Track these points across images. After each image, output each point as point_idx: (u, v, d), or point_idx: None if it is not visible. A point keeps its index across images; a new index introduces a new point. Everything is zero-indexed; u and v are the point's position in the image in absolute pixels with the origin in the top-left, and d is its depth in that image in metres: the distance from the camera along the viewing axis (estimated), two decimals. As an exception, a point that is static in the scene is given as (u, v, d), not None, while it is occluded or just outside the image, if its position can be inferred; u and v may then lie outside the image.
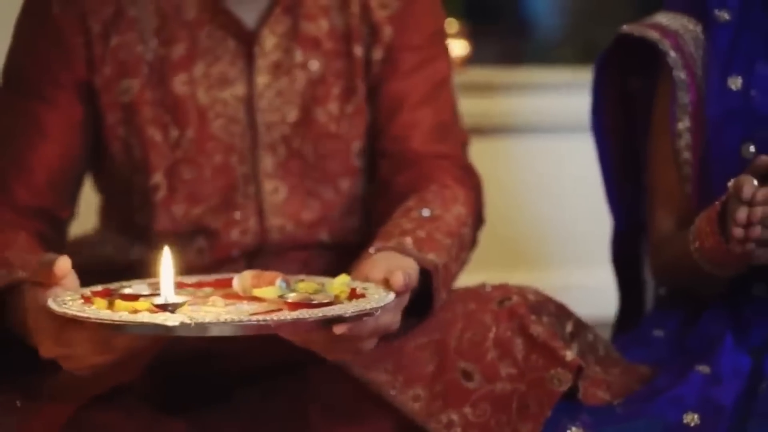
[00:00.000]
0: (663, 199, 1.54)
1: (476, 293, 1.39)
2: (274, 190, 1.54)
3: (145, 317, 1.13)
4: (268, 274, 1.24)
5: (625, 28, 1.54)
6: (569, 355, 1.31)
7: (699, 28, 1.52)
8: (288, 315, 1.14)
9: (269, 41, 1.53)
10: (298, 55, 1.54)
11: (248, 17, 1.52)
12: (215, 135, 1.51)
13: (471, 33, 2.66)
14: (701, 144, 1.49)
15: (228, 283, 1.27)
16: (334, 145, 1.55)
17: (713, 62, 1.49)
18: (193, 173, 1.52)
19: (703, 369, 1.36)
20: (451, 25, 2.52)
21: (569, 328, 1.41)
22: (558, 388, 1.30)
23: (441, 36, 1.62)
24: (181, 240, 1.50)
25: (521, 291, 1.39)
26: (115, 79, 1.51)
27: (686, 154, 1.51)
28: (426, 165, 1.54)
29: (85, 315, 1.13)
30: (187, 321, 1.11)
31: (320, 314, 1.14)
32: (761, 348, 1.40)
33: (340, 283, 1.23)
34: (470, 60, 2.67)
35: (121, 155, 1.52)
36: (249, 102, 1.52)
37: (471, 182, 1.56)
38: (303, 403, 1.40)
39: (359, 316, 1.16)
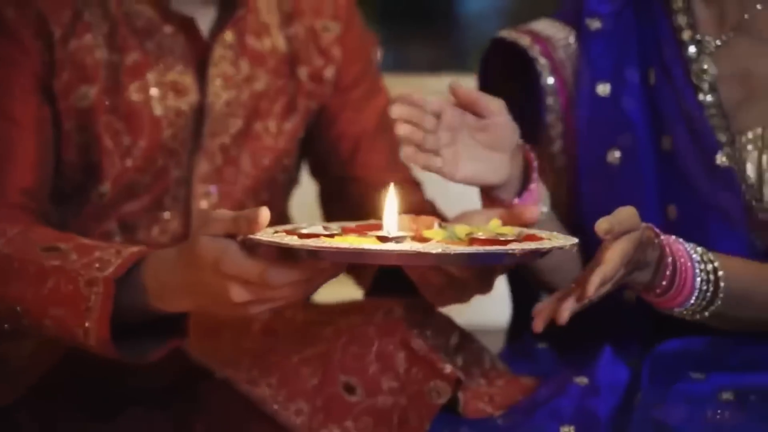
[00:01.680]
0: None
1: (361, 306, 1.41)
2: (206, 195, 1.56)
3: (407, 246, 1.16)
4: (424, 218, 1.27)
5: (501, 33, 1.57)
6: (448, 367, 1.34)
7: (572, 36, 1.54)
8: (528, 245, 1.18)
9: (220, 52, 1.56)
10: (245, 69, 1.58)
11: (200, 27, 1.55)
12: (165, 144, 1.54)
13: (403, 39, 2.68)
14: (574, 149, 1.52)
15: (370, 228, 1.27)
16: (268, 158, 1.61)
17: (584, 69, 1.52)
18: (136, 178, 1.54)
19: (581, 381, 1.39)
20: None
21: (454, 340, 1.43)
22: (437, 400, 1.33)
23: (375, 56, 1.71)
24: (106, 237, 1.52)
25: (406, 304, 1.41)
26: (74, 84, 1.51)
27: (560, 160, 1.54)
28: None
29: (347, 246, 1.15)
30: (446, 249, 1.14)
31: (550, 245, 1.19)
32: (639, 359, 1.43)
33: (496, 224, 1.27)
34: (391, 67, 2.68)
35: (74, 161, 1.52)
36: (200, 111, 1.55)
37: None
38: (189, 421, 1.42)
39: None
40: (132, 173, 1.53)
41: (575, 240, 1.19)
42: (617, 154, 1.50)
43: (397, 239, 1.17)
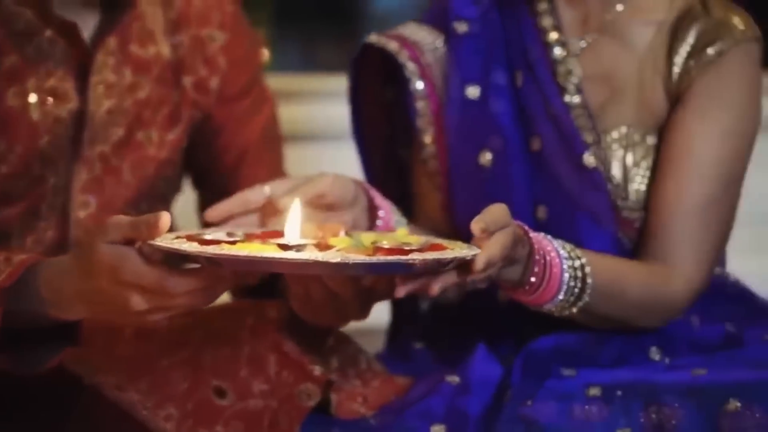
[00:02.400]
0: (420, 207, 1.58)
1: (232, 309, 1.41)
2: (84, 204, 1.54)
3: (307, 255, 1.14)
4: (331, 225, 1.26)
5: (370, 38, 1.58)
6: (317, 369, 1.34)
7: (440, 40, 1.56)
8: (428, 256, 1.16)
9: (102, 59, 1.53)
10: (128, 77, 1.55)
11: (83, 33, 1.52)
12: (42, 150, 1.50)
13: (312, 38, 2.67)
14: (445, 153, 1.53)
15: (275, 235, 1.25)
16: (150, 168, 1.58)
17: (452, 72, 1.53)
18: (10, 185, 1.50)
19: (453, 379, 1.40)
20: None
21: (330, 342, 1.43)
22: (307, 403, 1.33)
23: (262, 67, 1.71)
24: None
25: (279, 306, 1.40)
26: None
27: (433, 164, 1.55)
28: None
29: (245, 253, 1.12)
30: (345, 259, 1.12)
31: (451, 256, 1.17)
32: (512, 356, 1.45)
33: (404, 233, 1.26)
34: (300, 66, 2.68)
35: None
36: (79, 118, 1.52)
37: None
38: (58, 429, 1.40)
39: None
40: (6, 179, 1.50)
41: (477, 250, 1.19)
42: (488, 156, 1.52)
43: (298, 247, 1.17)
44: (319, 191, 1.36)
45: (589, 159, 1.48)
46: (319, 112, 2.53)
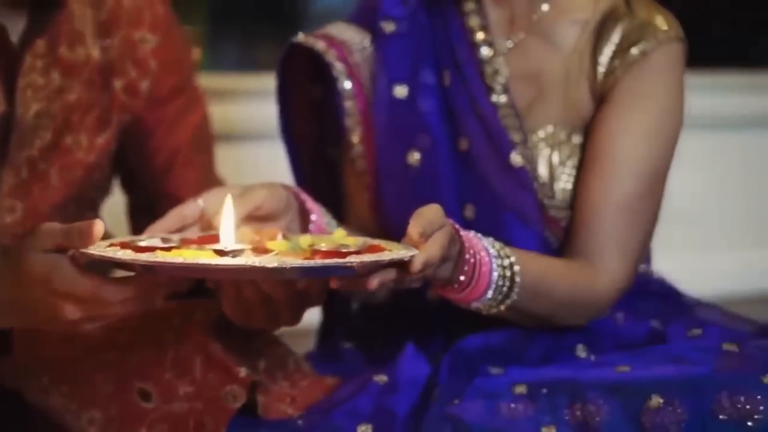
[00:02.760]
0: (350, 207, 1.58)
1: (158, 310, 1.40)
2: (10, 209, 1.52)
3: (243, 260, 1.13)
4: (268, 230, 1.24)
5: (298, 37, 1.57)
6: (243, 371, 1.33)
7: (368, 39, 1.56)
8: (366, 258, 1.15)
9: (30, 62, 1.50)
10: (57, 80, 1.53)
11: (10, 35, 1.49)
12: None
13: (252, 37, 2.66)
14: (374, 152, 1.53)
15: (212, 240, 1.24)
16: (78, 173, 1.56)
17: (380, 72, 1.54)
18: None
19: (381, 379, 1.40)
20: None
21: (257, 343, 1.43)
22: (232, 404, 1.32)
23: (194, 67, 1.70)
24: None
25: (206, 308, 1.40)
26: None
27: (361, 163, 1.55)
28: None
29: (181, 261, 1.11)
30: (282, 263, 1.11)
31: (389, 257, 1.16)
32: (439, 355, 1.45)
33: (341, 235, 1.25)
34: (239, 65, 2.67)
35: None
36: (7, 122, 1.49)
37: None
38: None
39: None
40: None
41: (415, 251, 1.19)
42: (416, 155, 1.52)
43: (235, 253, 1.16)
44: (254, 206, 1.35)
45: (515, 158, 1.49)
46: (256, 111, 2.53)
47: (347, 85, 1.55)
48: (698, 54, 1.58)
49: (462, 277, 1.31)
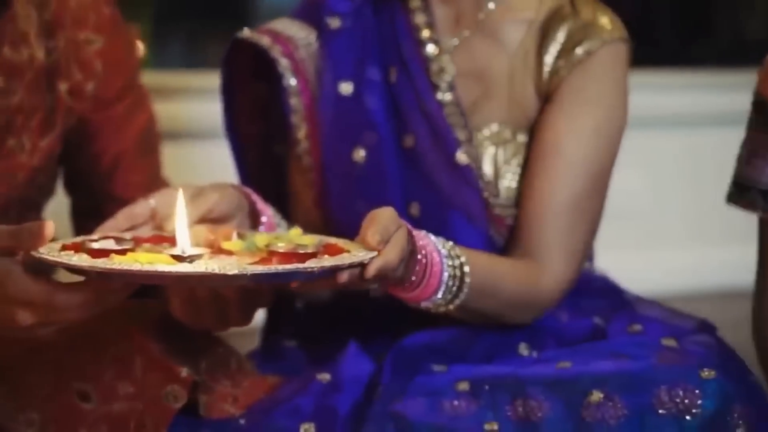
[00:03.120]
0: (296, 205, 1.58)
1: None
2: None
3: (203, 267, 1.11)
4: (223, 229, 1.22)
5: (242, 33, 1.56)
6: (184, 371, 1.32)
7: (313, 35, 1.55)
8: (326, 262, 1.14)
9: None
10: (0, 82, 1.50)
11: None
12: None
13: (201, 34, 2.64)
14: (319, 149, 1.53)
15: (165, 240, 1.22)
16: (21, 176, 1.53)
17: (326, 68, 1.53)
18: None
19: (324, 377, 1.40)
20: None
21: (199, 343, 1.42)
22: (173, 404, 1.31)
23: (139, 68, 1.68)
24: None
25: (145, 307, 1.38)
26: None
27: (307, 160, 1.54)
28: None
29: (139, 268, 1.09)
30: (243, 270, 1.10)
31: (349, 261, 1.16)
32: (383, 353, 1.45)
33: (297, 234, 1.23)
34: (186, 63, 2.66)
35: None
36: None
37: None
38: None
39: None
40: None
41: (374, 253, 1.19)
42: (362, 152, 1.52)
43: (192, 257, 1.14)
44: (206, 209, 1.34)
45: (461, 156, 1.49)
46: (203, 108, 2.52)
47: (292, 81, 1.54)
48: (641, 54, 1.59)
49: (413, 277, 1.31)
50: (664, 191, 3.03)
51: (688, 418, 1.27)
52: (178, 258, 1.14)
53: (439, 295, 1.35)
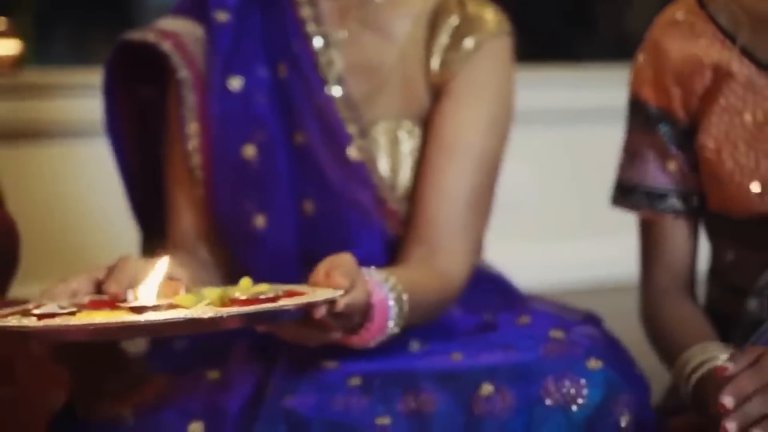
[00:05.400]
0: (175, 218, 1.54)
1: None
2: None
3: (180, 313, 1.11)
4: (170, 283, 1.20)
5: (128, 35, 1.53)
6: (64, 373, 1.30)
7: (201, 30, 1.53)
8: (289, 302, 1.15)
9: None
10: None
11: None
12: None
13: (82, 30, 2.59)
14: (209, 146, 1.51)
15: (105, 304, 1.19)
16: None
17: (214, 63, 1.51)
18: None
19: (213, 375, 1.39)
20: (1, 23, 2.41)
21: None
22: (53, 407, 1.29)
23: None
24: None
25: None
26: None
27: (196, 158, 1.52)
28: None
29: (111, 320, 1.08)
30: (220, 313, 1.10)
31: (323, 297, 1.17)
32: (274, 351, 1.43)
33: (248, 284, 1.21)
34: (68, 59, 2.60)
35: None
36: None
37: None
38: None
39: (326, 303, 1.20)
40: None
41: (341, 291, 1.20)
42: (252, 149, 1.50)
43: (155, 308, 1.13)
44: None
45: (352, 152, 1.49)
46: (88, 105, 2.47)
47: (185, 74, 1.51)
48: (523, 49, 1.62)
49: (368, 323, 1.31)
50: (548, 185, 3.08)
51: (574, 408, 1.30)
52: (138, 310, 1.13)
53: (389, 328, 1.34)
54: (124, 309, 1.14)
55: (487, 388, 1.31)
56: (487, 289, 1.60)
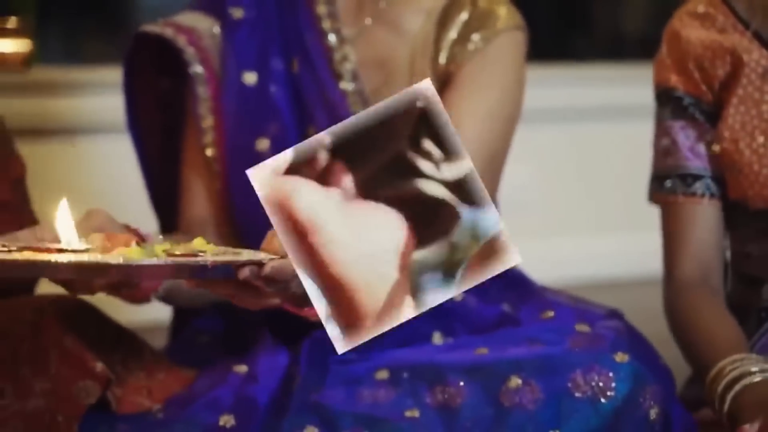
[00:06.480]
0: (188, 203, 1.55)
1: (9, 305, 1.35)
2: None
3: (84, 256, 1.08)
4: (120, 236, 1.17)
5: (144, 27, 1.54)
6: (99, 366, 1.30)
7: (216, 26, 1.55)
8: (209, 259, 1.12)
9: None
10: None
11: None
12: None
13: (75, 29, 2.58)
14: (224, 139, 1.52)
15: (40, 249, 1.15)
16: None
17: (230, 58, 1.52)
18: None
19: (240, 369, 1.39)
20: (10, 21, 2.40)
21: (112, 335, 1.40)
22: (85, 400, 1.29)
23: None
24: None
25: (57, 301, 1.35)
26: None
27: (211, 151, 1.53)
28: None
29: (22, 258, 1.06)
30: (128, 261, 1.07)
31: (245, 258, 1.14)
32: (298, 343, 1.44)
33: (201, 242, 1.19)
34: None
35: None
36: None
37: None
38: None
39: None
40: None
41: (273, 256, 1.17)
42: (266, 143, 1.51)
43: (77, 251, 1.12)
44: (97, 225, 1.26)
45: None
46: (84, 104, 2.47)
47: (199, 69, 1.52)
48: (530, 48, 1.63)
49: None
50: (549, 183, 3.09)
51: (603, 400, 1.31)
52: (61, 251, 1.11)
53: None
54: (53, 251, 1.12)
55: (515, 381, 1.33)
56: (502, 281, 1.59)
